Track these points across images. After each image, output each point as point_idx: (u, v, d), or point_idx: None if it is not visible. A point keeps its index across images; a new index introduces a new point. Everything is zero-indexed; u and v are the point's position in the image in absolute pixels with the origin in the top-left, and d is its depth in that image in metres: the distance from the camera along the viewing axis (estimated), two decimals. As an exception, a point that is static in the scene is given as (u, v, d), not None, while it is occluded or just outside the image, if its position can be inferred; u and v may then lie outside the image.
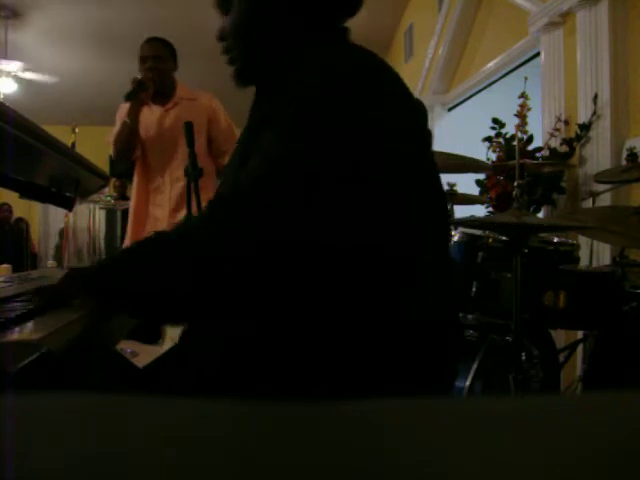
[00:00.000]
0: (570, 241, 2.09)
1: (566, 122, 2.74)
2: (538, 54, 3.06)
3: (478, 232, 1.91)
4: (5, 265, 2.94)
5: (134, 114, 2.32)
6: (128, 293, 0.69)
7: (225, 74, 0.94)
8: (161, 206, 2.41)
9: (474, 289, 1.85)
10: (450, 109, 4.44)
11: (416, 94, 4.06)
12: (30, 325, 0.62)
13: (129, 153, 2.40)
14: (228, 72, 0.92)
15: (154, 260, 0.68)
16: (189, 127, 1.80)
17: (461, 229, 1.91)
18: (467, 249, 1.89)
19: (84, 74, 5.64)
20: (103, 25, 4.74)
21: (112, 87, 4.38)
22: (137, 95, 2.30)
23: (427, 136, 0.81)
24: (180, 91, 2.47)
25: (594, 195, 2.37)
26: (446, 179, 2.00)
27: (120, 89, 2.41)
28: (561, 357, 2.07)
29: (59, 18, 4.67)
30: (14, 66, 5.01)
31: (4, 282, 1.02)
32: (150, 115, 2.42)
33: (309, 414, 0.18)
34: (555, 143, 2.74)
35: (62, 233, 6.38)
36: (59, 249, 6.46)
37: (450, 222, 1.78)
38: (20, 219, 6.36)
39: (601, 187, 2.38)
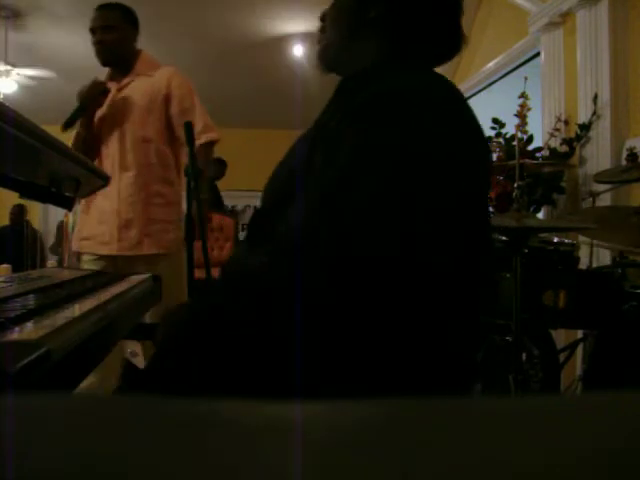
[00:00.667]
0: (570, 241, 2.10)
1: (566, 122, 2.74)
2: (538, 54, 3.07)
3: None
4: (5, 265, 2.94)
5: (85, 126, 2.07)
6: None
7: (232, 82, 0.94)
8: (110, 198, 2.07)
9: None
10: (450, 109, 4.44)
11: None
12: (30, 325, 0.62)
13: None
14: (235, 80, 0.92)
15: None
16: (189, 127, 1.78)
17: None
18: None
19: (84, 74, 5.63)
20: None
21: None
22: (79, 118, 2.03)
23: (484, 173, 0.81)
24: (140, 66, 2.12)
25: (594, 195, 2.37)
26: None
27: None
28: (561, 357, 2.07)
29: (60, 19, 4.67)
30: (14, 67, 5.02)
31: (4, 282, 1.02)
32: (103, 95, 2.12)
33: (310, 413, 0.18)
34: (555, 143, 2.74)
35: (59, 231, 6.40)
36: (55, 247, 6.48)
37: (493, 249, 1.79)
38: (27, 221, 6.36)
39: (601, 187, 2.38)
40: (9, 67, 5.05)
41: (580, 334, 2.13)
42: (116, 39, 2.05)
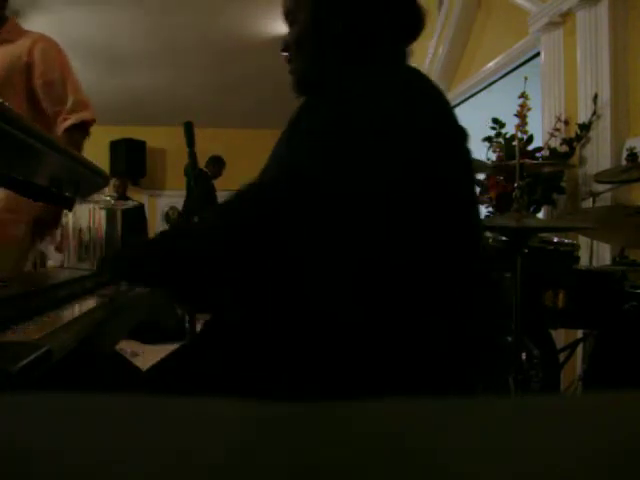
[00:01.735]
0: (570, 241, 2.10)
1: (566, 122, 2.74)
2: (538, 54, 3.06)
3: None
4: (5, 265, 2.93)
5: None
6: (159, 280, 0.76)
7: (226, 81, 0.94)
8: None
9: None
10: (450, 109, 4.43)
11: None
12: (30, 325, 0.62)
13: None
14: (229, 79, 0.93)
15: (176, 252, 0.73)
16: (189, 127, 1.77)
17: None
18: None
19: (82, 73, 5.62)
20: (102, 25, 4.75)
21: (111, 86, 4.37)
22: None
23: (463, 162, 0.81)
24: (3, 32, 1.80)
25: (594, 195, 2.37)
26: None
27: (119, 88, 2.35)
28: (561, 357, 2.07)
29: (60, 18, 4.67)
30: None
31: (4, 282, 1.02)
32: None
33: (311, 413, 0.18)
34: (555, 143, 2.74)
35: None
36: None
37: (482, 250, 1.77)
38: None
39: (601, 187, 2.38)
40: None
41: (580, 334, 2.12)
42: None
